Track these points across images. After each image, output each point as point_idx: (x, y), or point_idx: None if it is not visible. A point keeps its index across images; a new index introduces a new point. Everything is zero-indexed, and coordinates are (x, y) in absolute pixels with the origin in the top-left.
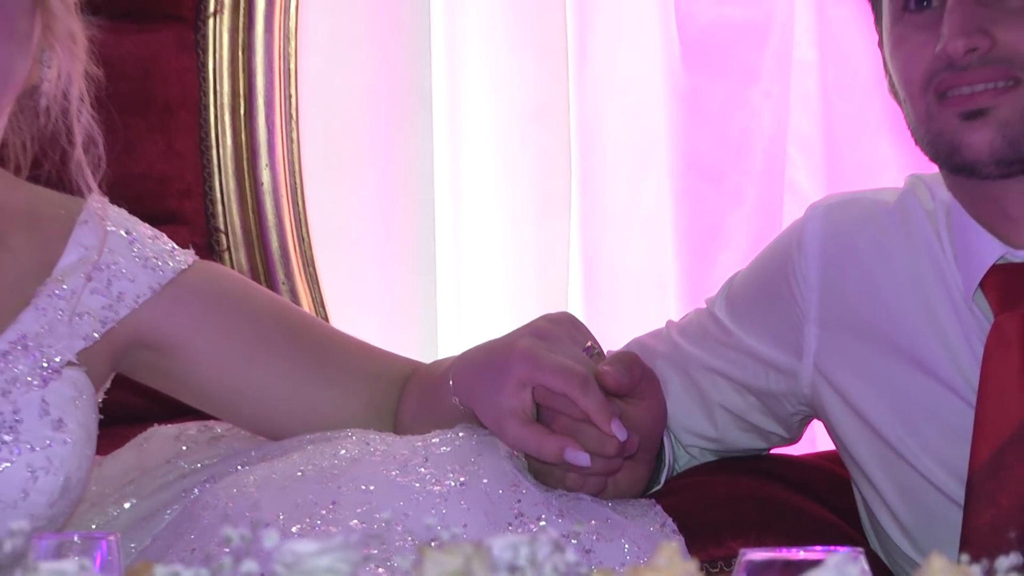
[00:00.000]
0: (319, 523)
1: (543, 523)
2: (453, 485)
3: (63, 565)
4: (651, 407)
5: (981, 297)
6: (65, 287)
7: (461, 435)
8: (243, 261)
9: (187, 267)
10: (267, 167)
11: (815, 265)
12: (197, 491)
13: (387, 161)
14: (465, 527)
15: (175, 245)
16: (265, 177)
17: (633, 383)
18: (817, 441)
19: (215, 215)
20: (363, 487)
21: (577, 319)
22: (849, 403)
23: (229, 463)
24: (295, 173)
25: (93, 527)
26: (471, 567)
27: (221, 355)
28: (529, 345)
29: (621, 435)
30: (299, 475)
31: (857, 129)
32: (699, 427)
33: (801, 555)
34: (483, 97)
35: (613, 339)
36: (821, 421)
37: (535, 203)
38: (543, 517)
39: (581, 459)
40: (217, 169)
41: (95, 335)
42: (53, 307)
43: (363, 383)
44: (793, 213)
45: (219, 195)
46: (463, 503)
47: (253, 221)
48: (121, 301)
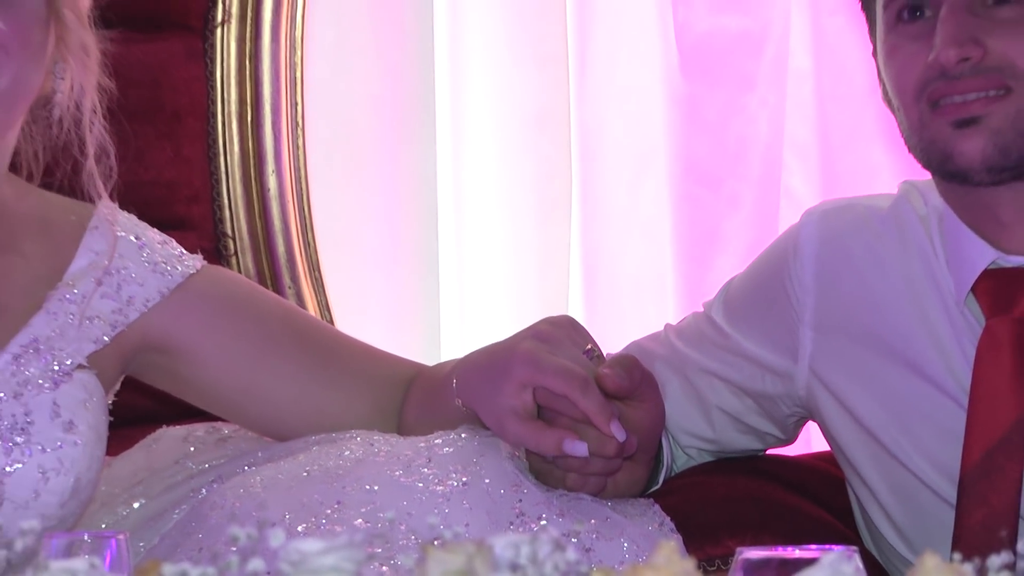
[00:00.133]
0: (324, 522)
1: (544, 522)
2: (456, 485)
3: (73, 564)
4: (650, 409)
5: (973, 301)
6: (76, 291)
7: (464, 436)
8: (250, 266)
9: (195, 272)
10: (274, 173)
11: (810, 269)
12: (205, 491)
13: (391, 167)
14: (467, 526)
15: (184, 250)
16: (272, 183)
17: (633, 386)
18: (812, 442)
19: (223, 220)
20: (367, 487)
21: (577, 322)
22: (844, 405)
23: (236, 464)
24: (301, 179)
25: (103, 526)
26: (473, 566)
27: (228, 358)
28: (530, 347)
29: (620, 436)
30: (305, 475)
31: (852, 136)
32: (697, 428)
33: (797, 554)
34: (485, 104)
35: (612, 342)
36: (816, 422)
37: (536, 208)
38: (544, 516)
39: (579, 449)
40: (225, 175)
41: (105, 338)
42: (64, 311)
43: (368, 385)
44: (789, 218)
45: (227, 201)
46: (465, 503)
47: (260, 226)
48: (131, 305)
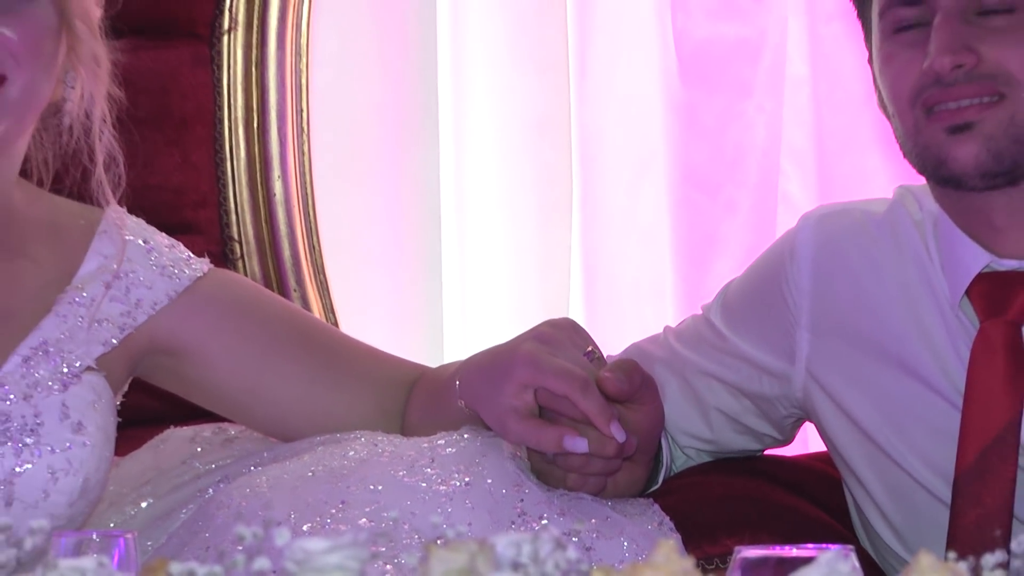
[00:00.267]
0: (329, 522)
1: (545, 521)
2: (458, 485)
3: (82, 562)
4: (649, 412)
5: (967, 304)
6: (85, 294)
7: (466, 437)
8: (256, 269)
9: (202, 275)
10: (279, 179)
11: (807, 273)
12: (211, 491)
13: (395, 172)
14: (470, 525)
15: (191, 254)
16: (277, 188)
17: (633, 390)
18: (809, 443)
19: (229, 225)
20: (371, 487)
21: (578, 325)
22: (840, 406)
23: (242, 464)
24: (306, 184)
25: (111, 525)
26: (475, 564)
27: (235, 360)
28: (532, 349)
29: (620, 436)
30: (310, 475)
31: (848, 142)
32: (695, 429)
33: (794, 552)
34: (487, 110)
35: (612, 344)
36: (813, 423)
37: (537, 212)
38: (545, 516)
39: (580, 445)
40: (231, 180)
41: (114, 341)
42: (73, 314)
43: (372, 387)
44: (786, 223)
45: (233, 206)
46: (468, 502)
47: (266, 231)
48: (139, 308)
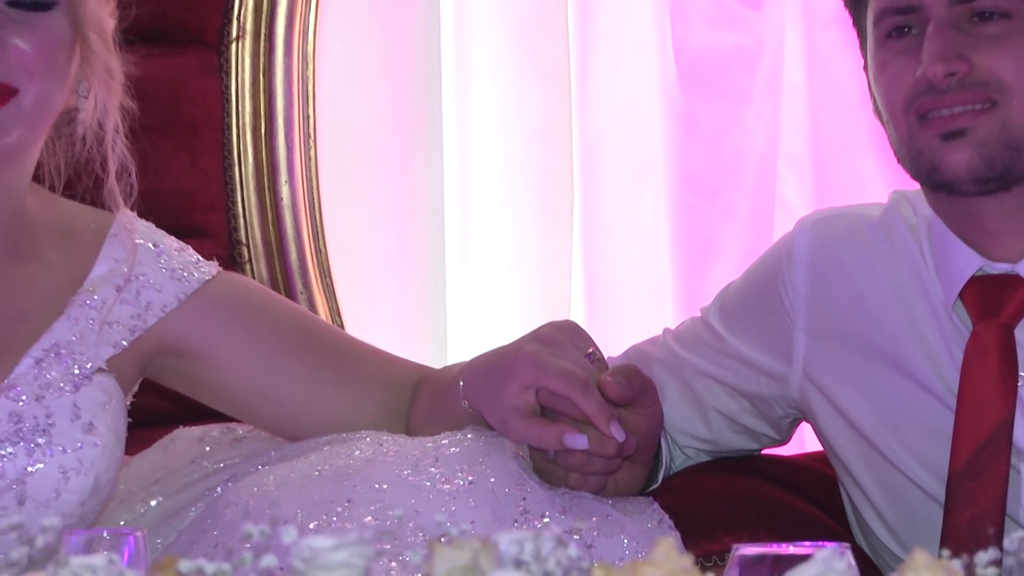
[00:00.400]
0: (335, 520)
1: (547, 520)
2: (462, 484)
3: (93, 560)
4: (649, 414)
5: (960, 307)
6: (96, 297)
7: (469, 437)
8: (264, 272)
9: (211, 278)
10: (286, 183)
11: (804, 276)
12: (220, 489)
13: (400, 178)
14: (473, 523)
15: (200, 257)
16: (284, 193)
17: (633, 395)
18: (806, 442)
19: (237, 229)
20: (377, 486)
21: (580, 327)
22: (836, 406)
23: (250, 463)
24: (313, 189)
25: (121, 523)
26: (479, 562)
27: (243, 361)
28: (534, 350)
29: (619, 436)
30: (316, 474)
31: (844, 148)
32: (694, 429)
33: (791, 550)
34: (490, 117)
35: (613, 346)
36: (809, 423)
37: (539, 217)
38: (547, 514)
39: (580, 442)
40: (239, 185)
41: (124, 343)
42: (85, 316)
43: (377, 387)
44: (783, 227)
45: (241, 210)
46: (471, 501)
47: (273, 234)
48: (149, 310)
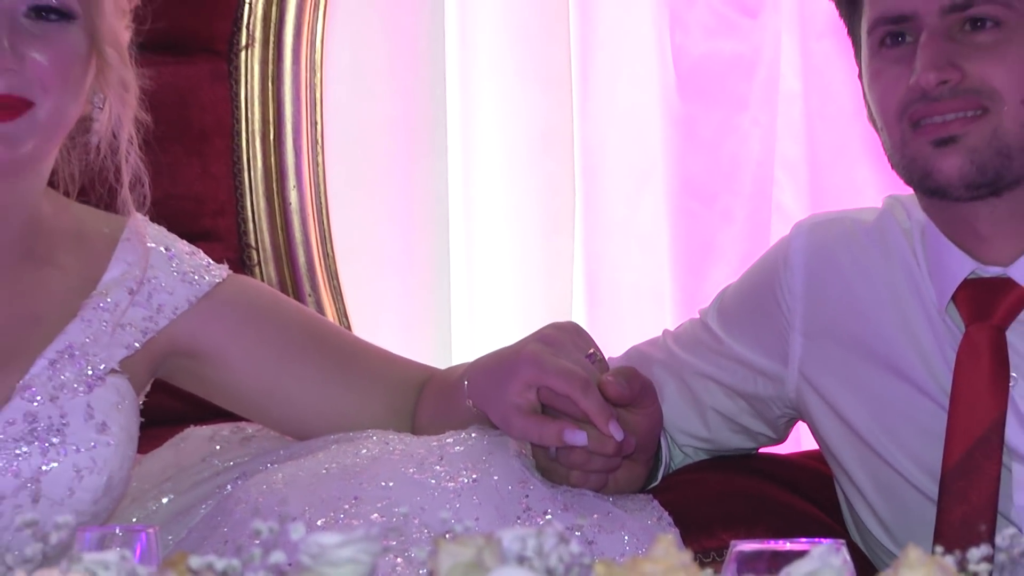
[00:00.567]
0: (342, 517)
1: (549, 517)
2: (466, 482)
3: (105, 556)
4: (648, 414)
5: (953, 309)
6: (109, 300)
7: (474, 435)
8: (272, 275)
9: (221, 281)
10: (295, 188)
11: (800, 279)
12: (230, 487)
13: (405, 182)
14: (477, 520)
15: (211, 260)
16: (293, 198)
17: (633, 395)
18: (802, 441)
19: (247, 232)
20: (383, 483)
21: (581, 328)
22: (831, 406)
23: (259, 461)
24: (320, 194)
25: (133, 520)
26: (482, 557)
27: (253, 362)
28: (536, 350)
29: (618, 435)
30: (324, 472)
31: (839, 154)
32: (693, 428)
33: (787, 546)
34: (493, 123)
35: (613, 347)
36: (805, 423)
37: (541, 221)
38: (549, 511)
39: (579, 439)
40: (249, 190)
41: (136, 344)
42: (98, 319)
43: (383, 388)
44: (780, 231)
45: (250, 214)
46: (475, 498)
47: (282, 238)
48: (160, 313)
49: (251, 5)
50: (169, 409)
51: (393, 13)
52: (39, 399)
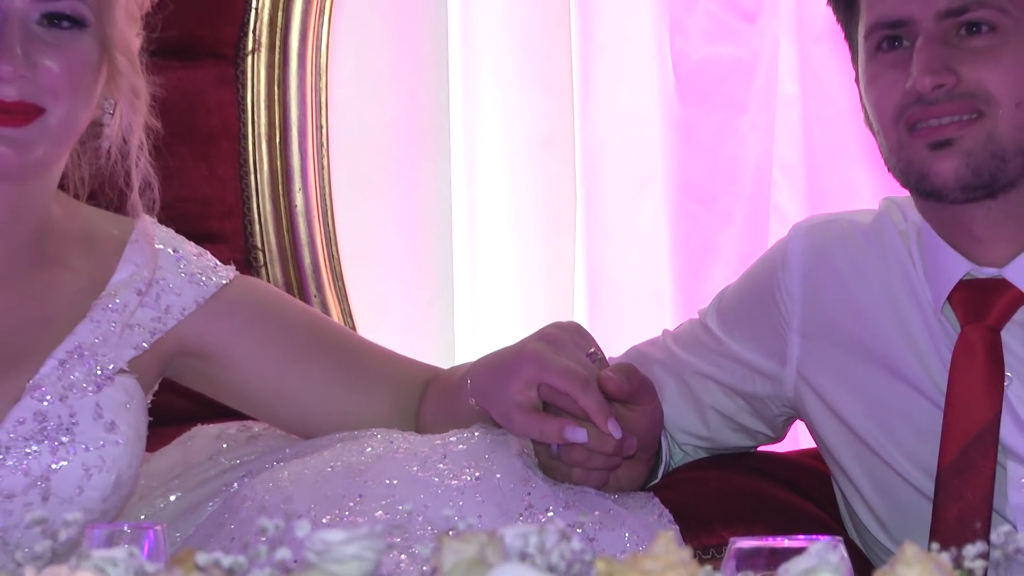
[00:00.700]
0: (347, 514)
1: (551, 514)
2: (469, 480)
3: (114, 553)
4: (648, 412)
5: (949, 310)
6: (118, 301)
7: (476, 434)
8: (278, 276)
9: (228, 282)
10: (300, 191)
11: (798, 280)
12: (236, 485)
13: (409, 185)
14: (480, 518)
15: (218, 262)
16: (298, 200)
17: (632, 390)
18: (800, 440)
19: (253, 234)
20: (387, 481)
21: (583, 328)
22: (829, 405)
23: (266, 459)
24: (326, 196)
25: (142, 518)
26: (485, 554)
27: (259, 362)
28: (537, 348)
29: (616, 433)
30: (329, 470)
31: (836, 157)
32: (692, 427)
33: (785, 543)
34: (496, 127)
35: (614, 347)
36: (803, 422)
37: (543, 223)
38: (551, 508)
39: (579, 435)
40: (255, 193)
41: (144, 345)
42: (107, 319)
43: (388, 387)
44: (778, 233)
45: (257, 216)
46: (478, 496)
47: (288, 240)
48: (168, 313)
49: (258, 11)
50: (177, 408)
51: (397, 18)
52: (49, 398)
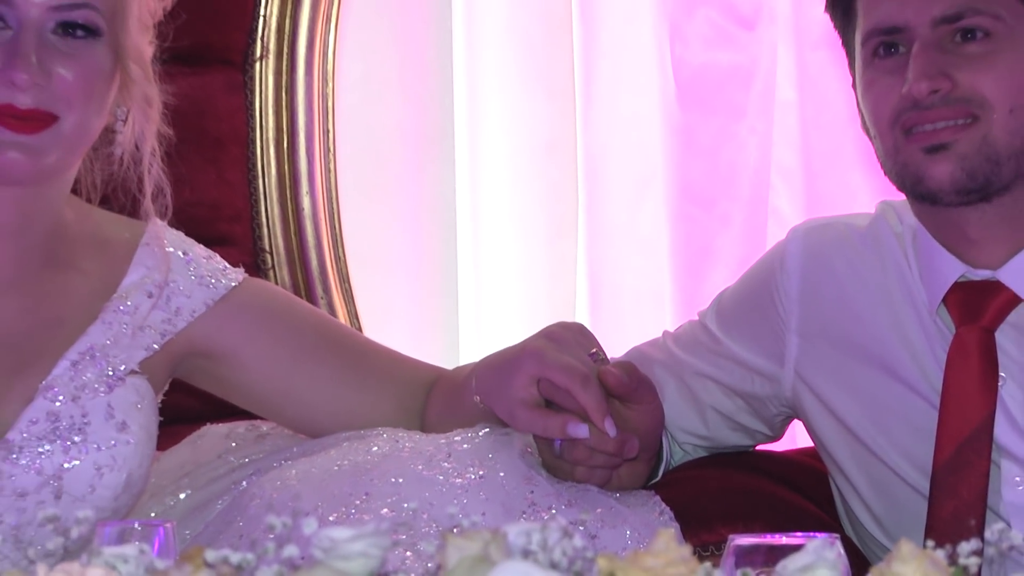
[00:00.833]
0: (353, 512)
1: (553, 512)
2: (473, 478)
3: (125, 550)
4: (649, 411)
5: (944, 311)
6: (129, 303)
7: (481, 434)
8: (286, 278)
9: (237, 284)
10: (307, 195)
11: (796, 282)
12: (245, 483)
13: (414, 189)
14: (483, 516)
15: (227, 264)
16: (306, 204)
17: (631, 386)
18: (797, 439)
19: (261, 237)
20: (393, 480)
21: (587, 329)
22: (826, 405)
23: (274, 458)
24: (332, 200)
25: (152, 515)
26: (489, 551)
27: (267, 363)
28: (540, 345)
29: (611, 431)
30: (336, 469)
31: (833, 161)
32: (692, 426)
33: (783, 540)
34: (500, 132)
35: (615, 347)
36: (801, 421)
37: (546, 226)
38: (553, 506)
39: (581, 431)
40: (263, 197)
41: (155, 346)
42: (118, 321)
43: (393, 387)
44: (776, 235)
45: (265, 220)
46: (482, 494)
47: (295, 243)
48: (179, 315)
49: (266, 18)
50: (187, 408)
51: (402, 25)
52: (61, 399)
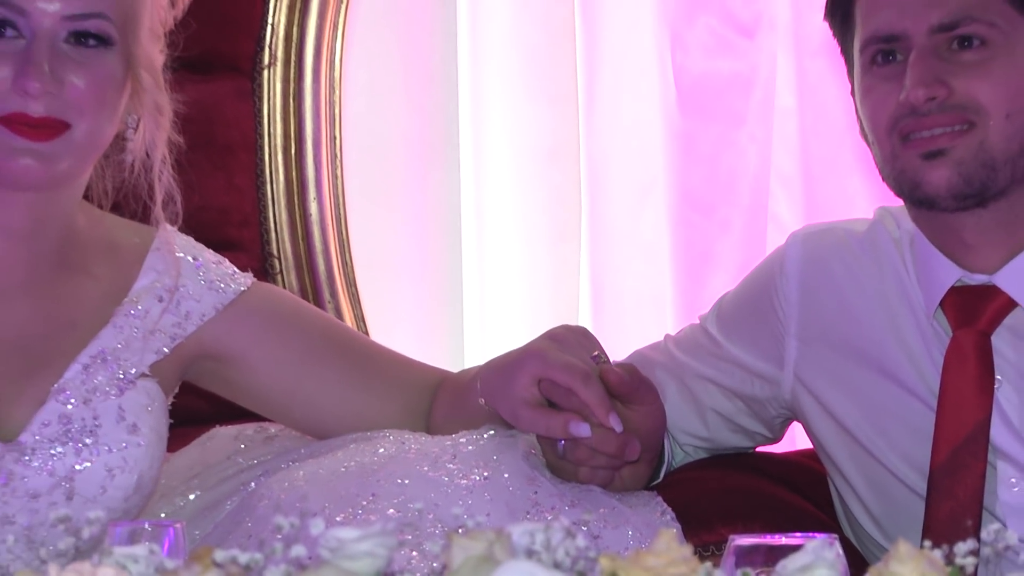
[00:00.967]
0: (360, 512)
1: (557, 512)
2: (478, 479)
3: (135, 550)
4: (651, 413)
5: (941, 315)
6: (140, 307)
7: (486, 436)
8: (294, 283)
9: (246, 288)
10: (315, 200)
11: (795, 286)
12: (253, 484)
13: (420, 194)
14: (488, 516)
15: (236, 269)
16: (313, 209)
17: (633, 385)
18: (797, 440)
19: (269, 242)
20: (399, 481)
21: (589, 331)
22: (825, 407)
23: (282, 459)
24: (339, 205)
25: (162, 516)
26: (493, 551)
27: (276, 366)
28: (542, 346)
29: (617, 427)
30: (343, 470)
31: (832, 167)
32: (693, 428)
33: (783, 540)
34: (503, 138)
35: (617, 350)
36: (800, 423)
37: (549, 231)
38: (556, 507)
39: (583, 430)
40: (271, 202)
41: (165, 349)
42: (129, 325)
43: (400, 390)
44: (776, 241)
45: (273, 225)
46: (486, 495)
47: (303, 248)
48: (188, 319)
49: (274, 26)
50: (196, 410)
51: (408, 33)
52: (73, 402)
